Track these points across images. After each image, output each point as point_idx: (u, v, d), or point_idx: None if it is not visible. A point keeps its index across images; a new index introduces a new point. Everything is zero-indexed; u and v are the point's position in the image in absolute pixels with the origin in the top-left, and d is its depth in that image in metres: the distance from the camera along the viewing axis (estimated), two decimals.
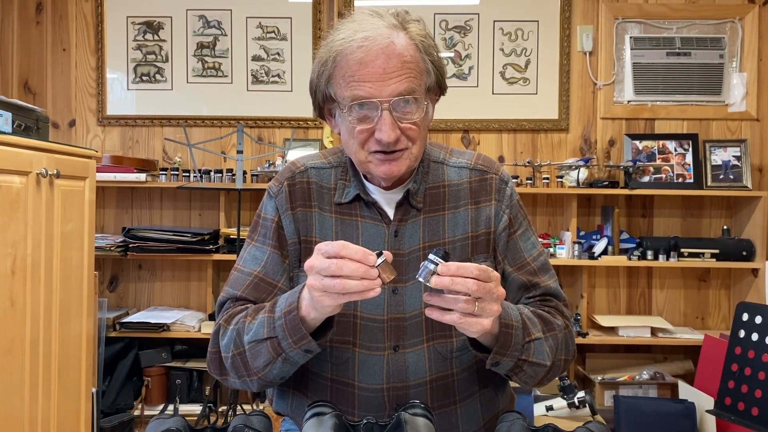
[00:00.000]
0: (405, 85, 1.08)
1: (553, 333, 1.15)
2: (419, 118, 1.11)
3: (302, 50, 3.39)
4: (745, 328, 1.95)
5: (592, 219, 3.38)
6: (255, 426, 0.95)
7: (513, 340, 1.05)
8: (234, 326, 1.12)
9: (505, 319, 1.05)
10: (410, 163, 1.14)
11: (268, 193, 1.25)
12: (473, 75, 3.38)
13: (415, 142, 1.12)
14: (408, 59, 1.08)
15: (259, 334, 1.06)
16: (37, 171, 2.06)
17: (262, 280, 1.20)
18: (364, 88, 1.07)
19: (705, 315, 3.39)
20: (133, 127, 3.44)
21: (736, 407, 1.90)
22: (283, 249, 1.21)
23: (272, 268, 1.20)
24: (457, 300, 0.95)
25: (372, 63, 1.07)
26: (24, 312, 2.02)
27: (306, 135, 3.42)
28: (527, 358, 1.09)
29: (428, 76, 1.13)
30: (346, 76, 1.08)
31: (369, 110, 1.09)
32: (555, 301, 1.25)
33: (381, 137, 1.09)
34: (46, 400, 2.15)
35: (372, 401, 1.14)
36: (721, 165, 3.24)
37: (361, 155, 1.14)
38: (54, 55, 3.43)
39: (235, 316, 1.14)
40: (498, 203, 1.23)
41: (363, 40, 1.07)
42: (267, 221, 1.23)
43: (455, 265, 0.94)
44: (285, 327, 1.02)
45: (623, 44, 3.35)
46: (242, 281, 1.20)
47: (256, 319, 1.08)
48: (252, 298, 1.19)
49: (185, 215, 3.43)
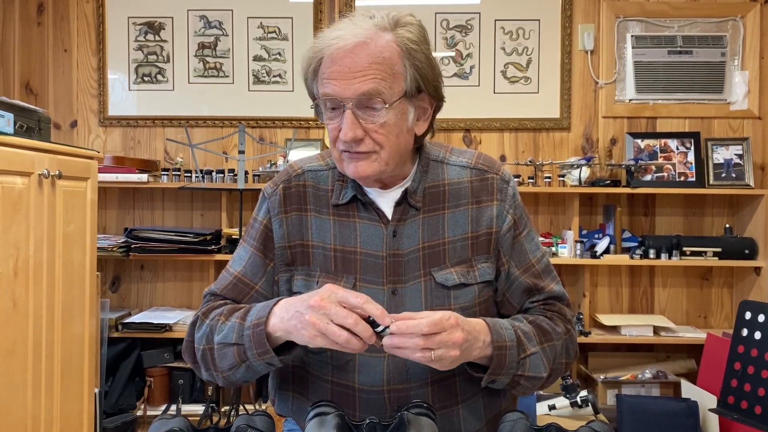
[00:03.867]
0: (370, 85, 1.07)
1: (551, 343, 1.17)
2: (384, 120, 1.09)
3: (303, 50, 3.32)
4: (747, 327, 1.94)
5: (594, 218, 3.37)
6: (258, 426, 0.95)
7: (507, 360, 1.09)
8: (209, 321, 1.15)
9: (498, 341, 1.08)
10: (380, 168, 1.12)
11: (263, 195, 1.25)
12: (474, 74, 3.38)
13: (384, 146, 1.11)
14: (378, 60, 1.07)
15: (228, 338, 1.09)
16: (39, 172, 2.06)
17: (240, 281, 1.22)
18: (331, 85, 1.09)
19: (707, 314, 3.38)
20: (135, 127, 3.44)
21: (739, 406, 1.90)
22: (268, 252, 1.21)
23: (251, 270, 1.22)
24: (414, 351, 0.98)
25: (340, 61, 1.08)
26: (26, 313, 2.02)
27: (307, 135, 3.42)
28: (523, 373, 1.12)
29: (405, 81, 1.10)
30: (320, 74, 1.11)
31: (337, 109, 1.10)
32: (558, 305, 1.25)
33: (341, 136, 1.10)
34: (49, 400, 2.15)
35: (373, 403, 1.14)
36: (723, 163, 3.23)
37: (335, 153, 1.16)
38: (55, 56, 3.44)
39: (213, 311, 1.17)
40: (501, 203, 1.21)
41: (335, 39, 1.09)
42: (256, 222, 1.24)
43: (404, 325, 0.98)
44: (251, 338, 1.05)
45: (625, 43, 3.35)
46: (224, 281, 1.24)
47: (228, 322, 1.11)
48: (230, 298, 1.22)
49: (187, 216, 3.43)
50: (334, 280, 1.16)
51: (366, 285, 1.16)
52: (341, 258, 1.17)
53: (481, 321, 1.09)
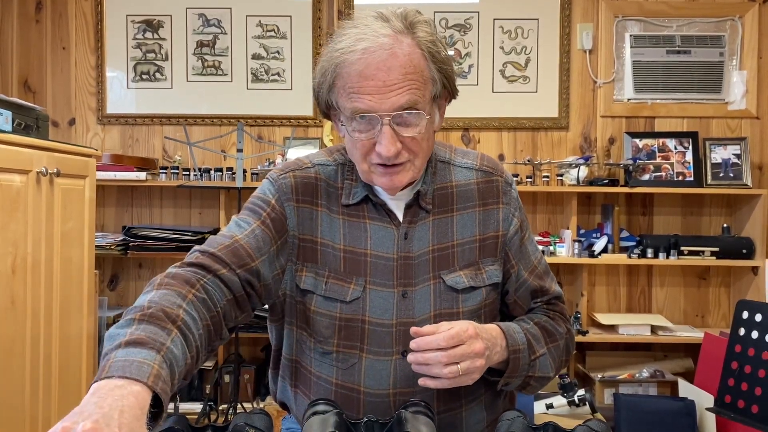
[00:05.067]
0: (406, 98, 1.04)
1: (555, 344, 1.20)
2: (422, 130, 1.07)
3: (302, 48, 3.39)
4: (745, 326, 1.94)
5: (592, 217, 3.38)
6: (256, 424, 0.94)
7: (521, 363, 1.13)
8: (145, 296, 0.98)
9: (513, 345, 1.11)
10: (413, 175, 1.11)
11: (269, 179, 1.19)
12: (473, 73, 3.38)
13: (418, 154, 1.10)
14: (410, 70, 1.04)
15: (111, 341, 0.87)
16: (37, 170, 2.06)
17: (242, 247, 1.09)
18: (364, 101, 1.04)
19: (705, 313, 3.39)
20: (133, 125, 3.44)
21: (736, 405, 1.90)
22: (279, 235, 1.14)
23: (255, 243, 1.10)
24: (439, 366, 1.00)
25: (373, 76, 1.03)
26: (24, 311, 2.02)
27: (306, 133, 3.42)
28: (533, 374, 1.16)
29: (434, 84, 1.09)
30: (346, 87, 1.05)
31: (369, 123, 1.06)
32: (560, 305, 1.27)
33: (381, 151, 1.06)
34: (47, 398, 2.15)
35: (378, 406, 1.13)
36: (721, 163, 3.24)
37: (364, 166, 1.11)
38: (54, 54, 3.43)
39: (163, 288, 0.99)
40: (506, 206, 1.22)
41: (363, 52, 1.03)
42: (262, 202, 1.16)
43: (423, 341, 1.00)
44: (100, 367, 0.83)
45: (623, 42, 3.35)
46: (220, 241, 1.10)
47: (125, 329, 0.89)
48: (227, 260, 1.07)
49: (185, 214, 3.43)
50: (343, 282, 1.15)
51: (376, 287, 1.15)
52: (351, 259, 1.16)
53: (496, 327, 1.12)
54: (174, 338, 0.90)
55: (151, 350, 0.84)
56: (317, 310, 1.15)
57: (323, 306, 1.15)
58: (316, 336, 1.16)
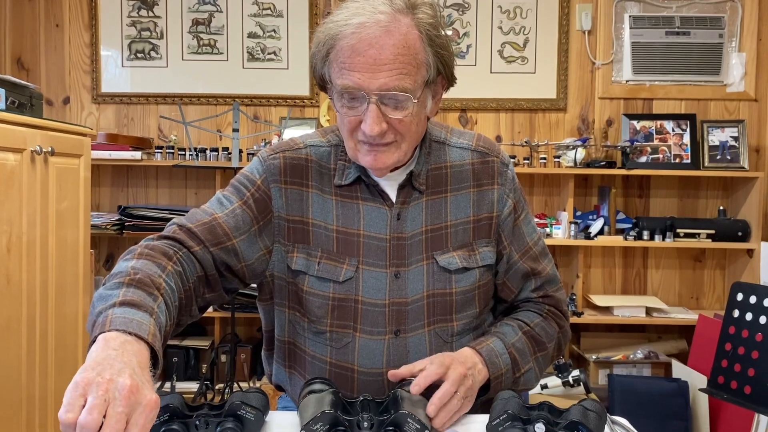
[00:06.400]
0: (396, 81, 1.02)
1: (544, 352, 1.22)
2: (409, 114, 1.05)
3: (298, 27, 3.35)
4: (739, 308, 1.95)
5: (588, 199, 3.38)
6: (252, 403, 0.95)
7: (503, 385, 1.13)
8: (124, 263, 0.97)
9: (495, 372, 1.12)
10: (398, 157, 1.10)
11: (259, 158, 1.19)
12: (471, 53, 3.36)
13: (405, 137, 1.08)
14: (403, 51, 1.02)
15: (99, 303, 0.90)
16: (31, 148, 2.05)
17: (219, 225, 1.10)
18: (353, 78, 1.03)
19: (699, 295, 3.41)
20: (128, 104, 3.41)
21: (729, 386, 1.92)
22: (261, 216, 1.14)
23: (234, 223, 1.11)
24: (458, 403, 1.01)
25: (364, 52, 1.01)
26: (20, 290, 2.01)
27: (302, 113, 3.39)
28: (516, 388, 1.17)
29: (428, 69, 1.06)
30: (338, 61, 1.04)
31: (357, 100, 1.05)
32: (555, 297, 1.26)
33: (365, 129, 1.05)
34: (44, 378, 2.16)
35: (371, 385, 1.14)
36: (719, 145, 3.23)
37: (350, 143, 1.11)
38: (47, 31, 3.39)
39: (144, 258, 0.98)
40: (501, 187, 1.21)
41: (358, 26, 1.02)
42: (247, 181, 1.17)
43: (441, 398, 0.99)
44: (93, 326, 0.88)
45: (622, 23, 3.33)
46: (199, 217, 1.11)
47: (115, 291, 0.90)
48: (202, 237, 1.08)
49: (181, 194, 3.42)
50: (336, 263, 1.15)
51: (369, 268, 1.15)
52: (344, 240, 1.16)
53: (474, 355, 1.11)
54: (160, 305, 0.92)
55: (145, 313, 0.87)
56: (310, 291, 1.16)
57: (316, 286, 1.15)
58: (310, 316, 1.16)
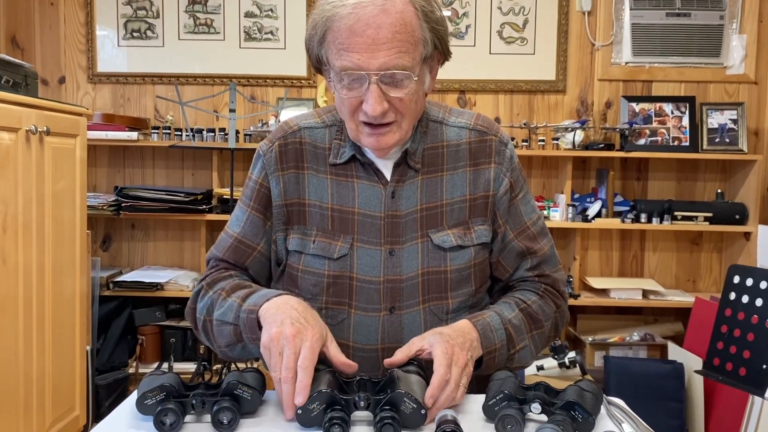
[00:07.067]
0: (395, 60, 1.02)
1: (540, 330, 1.20)
2: (410, 92, 1.06)
3: (296, 6, 3.32)
4: (736, 291, 1.96)
5: (586, 182, 3.37)
6: (249, 383, 0.95)
7: (496, 361, 1.11)
8: (212, 294, 1.15)
9: (488, 347, 1.09)
10: (400, 137, 1.11)
11: (258, 153, 1.23)
12: (470, 34, 3.33)
13: (405, 115, 1.09)
14: (401, 29, 1.02)
15: (226, 317, 1.10)
16: (26, 128, 2.03)
17: (240, 242, 1.22)
18: (352, 59, 1.03)
19: (696, 278, 3.41)
20: (125, 84, 3.39)
21: (724, 368, 1.93)
22: (267, 211, 1.21)
23: (251, 231, 1.21)
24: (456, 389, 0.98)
25: (362, 32, 1.01)
26: (16, 270, 2.01)
27: (299, 94, 3.37)
28: (511, 365, 1.15)
29: (425, 45, 1.07)
30: (336, 43, 1.04)
31: (357, 81, 1.05)
32: (553, 277, 1.25)
33: (367, 110, 1.06)
34: (41, 357, 2.16)
35: (367, 361, 1.14)
36: (718, 128, 3.22)
37: (351, 124, 1.12)
38: (42, 10, 3.35)
39: (217, 283, 1.17)
40: (498, 166, 1.21)
41: (354, 6, 1.02)
42: (252, 182, 1.23)
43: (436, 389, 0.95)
44: (246, 322, 1.05)
45: (622, 4, 3.30)
46: (224, 243, 1.24)
47: (229, 299, 1.11)
48: (232, 261, 1.22)
49: (178, 175, 3.41)
50: (331, 240, 1.16)
51: (363, 245, 1.16)
52: (338, 218, 1.17)
53: (472, 331, 1.09)
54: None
55: (260, 287, 1.14)
56: (306, 269, 1.18)
57: (311, 264, 1.17)
58: (305, 294, 1.17)
